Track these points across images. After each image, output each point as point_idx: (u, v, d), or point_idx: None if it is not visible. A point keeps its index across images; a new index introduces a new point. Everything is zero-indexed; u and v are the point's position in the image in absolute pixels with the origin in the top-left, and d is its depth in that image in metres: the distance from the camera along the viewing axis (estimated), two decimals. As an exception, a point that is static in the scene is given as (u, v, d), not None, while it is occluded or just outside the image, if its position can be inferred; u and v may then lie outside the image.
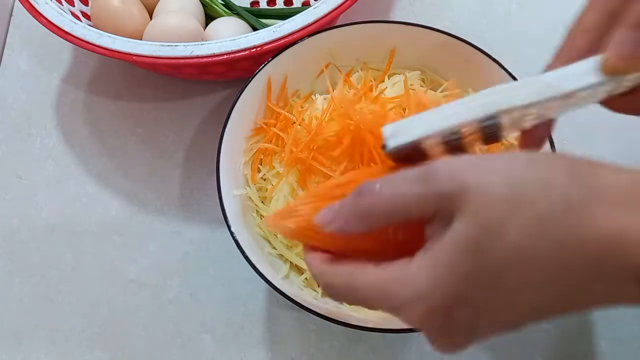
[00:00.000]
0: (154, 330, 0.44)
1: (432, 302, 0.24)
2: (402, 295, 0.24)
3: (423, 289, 0.24)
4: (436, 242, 0.24)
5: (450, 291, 0.23)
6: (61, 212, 0.48)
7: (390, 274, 0.25)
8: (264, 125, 0.44)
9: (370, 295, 0.26)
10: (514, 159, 0.24)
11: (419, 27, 0.44)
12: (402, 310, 0.25)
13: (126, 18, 0.49)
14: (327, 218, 0.27)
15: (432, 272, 0.24)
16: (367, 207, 0.25)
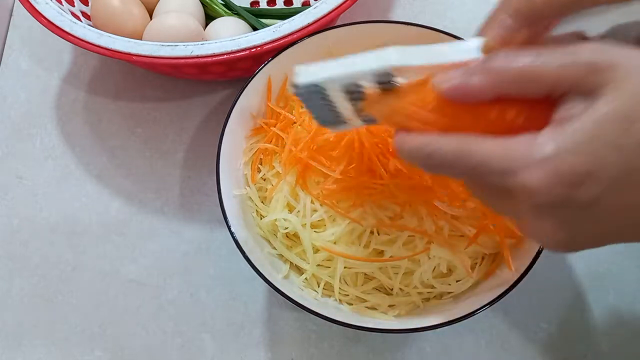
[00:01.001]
0: (154, 330, 0.44)
1: (561, 166, 0.22)
2: (528, 155, 0.22)
3: (554, 150, 0.22)
4: (575, 112, 0.22)
5: (588, 158, 0.22)
6: (61, 212, 0.48)
7: (514, 139, 0.23)
8: (264, 125, 0.44)
9: (488, 158, 0.23)
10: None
11: (419, 27, 0.44)
12: (521, 171, 0.23)
13: (126, 18, 0.49)
14: (449, 75, 0.25)
15: (567, 137, 0.22)
16: (501, 67, 0.24)
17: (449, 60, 0.27)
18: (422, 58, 0.27)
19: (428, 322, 0.35)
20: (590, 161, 0.22)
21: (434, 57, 0.27)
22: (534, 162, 0.22)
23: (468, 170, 0.24)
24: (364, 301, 0.40)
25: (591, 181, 0.22)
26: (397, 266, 0.38)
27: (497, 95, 0.24)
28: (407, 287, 0.39)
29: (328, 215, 0.39)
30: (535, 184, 0.22)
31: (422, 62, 0.27)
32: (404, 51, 0.28)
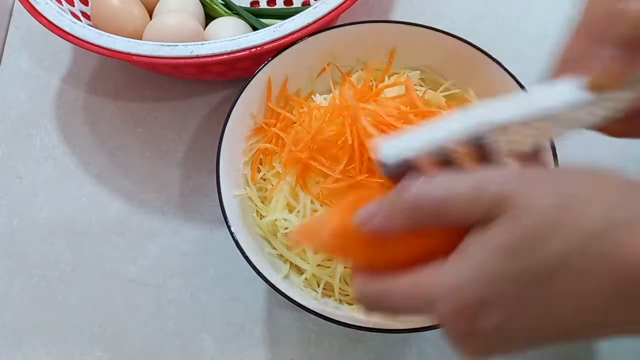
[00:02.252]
0: (154, 330, 0.44)
1: (461, 299, 0.23)
2: (432, 292, 0.24)
3: (454, 285, 0.24)
4: (474, 242, 0.24)
5: (482, 290, 0.23)
6: (61, 212, 0.48)
7: (422, 274, 0.25)
8: (264, 125, 0.44)
9: (403, 299, 0.25)
10: (565, 171, 0.25)
11: (419, 27, 0.44)
12: (432, 307, 0.24)
13: (126, 18, 0.49)
14: (369, 214, 0.26)
15: (465, 270, 0.23)
16: (416, 202, 0.25)
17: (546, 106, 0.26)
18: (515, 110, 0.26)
19: (428, 322, 0.35)
20: (482, 293, 0.23)
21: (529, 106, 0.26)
22: (439, 297, 0.24)
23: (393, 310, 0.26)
24: (364, 301, 0.40)
25: (488, 311, 0.23)
26: (397, 266, 0.38)
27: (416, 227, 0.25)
28: (407, 287, 0.39)
29: (328, 215, 0.39)
30: (441, 320, 0.24)
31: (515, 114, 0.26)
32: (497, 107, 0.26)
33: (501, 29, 0.55)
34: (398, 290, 0.26)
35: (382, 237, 0.26)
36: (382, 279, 0.26)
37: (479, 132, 0.26)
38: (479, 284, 0.23)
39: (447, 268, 0.24)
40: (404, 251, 0.26)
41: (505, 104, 0.27)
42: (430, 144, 0.27)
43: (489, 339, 0.24)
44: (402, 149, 0.27)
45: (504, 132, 0.26)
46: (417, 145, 0.27)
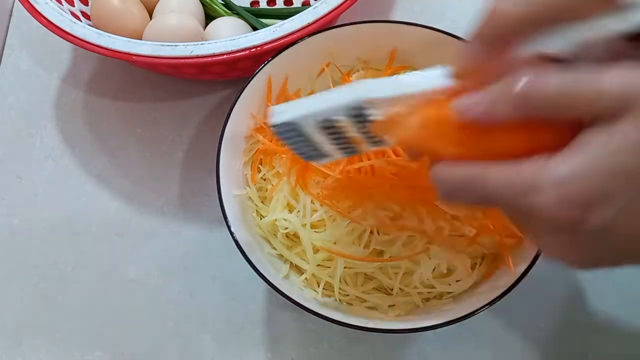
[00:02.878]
0: (154, 331, 0.44)
1: (573, 190, 0.22)
2: (539, 178, 0.22)
3: (567, 173, 0.22)
4: (595, 136, 0.22)
5: (600, 183, 0.22)
6: (61, 212, 0.48)
7: (527, 163, 0.23)
8: (264, 125, 0.44)
9: (498, 184, 0.23)
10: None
11: (419, 27, 0.44)
12: (535, 193, 0.22)
13: (126, 18, 0.49)
14: (472, 102, 0.24)
15: (582, 161, 0.22)
16: (528, 92, 0.23)
17: (419, 89, 0.27)
18: (393, 89, 0.28)
19: (428, 322, 0.35)
20: (602, 186, 0.22)
21: (404, 88, 0.28)
22: (547, 184, 0.22)
23: (483, 197, 0.24)
24: (364, 301, 0.40)
25: (603, 206, 0.22)
26: (397, 266, 0.38)
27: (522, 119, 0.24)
28: (407, 287, 0.39)
29: (328, 215, 0.39)
30: (546, 207, 0.22)
31: (392, 93, 0.28)
32: (374, 84, 0.29)
33: (501, 29, 0.55)
34: (493, 175, 0.23)
35: (481, 130, 0.24)
36: (472, 165, 0.24)
37: (355, 104, 0.28)
38: (599, 174, 0.22)
39: (559, 159, 0.22)
40: (503, 147, 0.24)
41: (386, 81, 0.29)
42: (315, 110, 0.30)
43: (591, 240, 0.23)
44: (290, 114, 0.30)
45: (379, 105, 0.28)
46: (304, 110, 0.30)
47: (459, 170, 0.25)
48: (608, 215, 0.22)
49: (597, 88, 0.22)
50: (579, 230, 0.23)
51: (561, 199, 0.22)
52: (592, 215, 0.22)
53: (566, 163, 0.22)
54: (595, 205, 0.22)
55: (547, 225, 0.23)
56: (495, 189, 0.24)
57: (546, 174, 0.22)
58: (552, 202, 0.22)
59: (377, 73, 0.47)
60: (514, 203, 0.23)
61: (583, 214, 0.22)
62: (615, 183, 0.22)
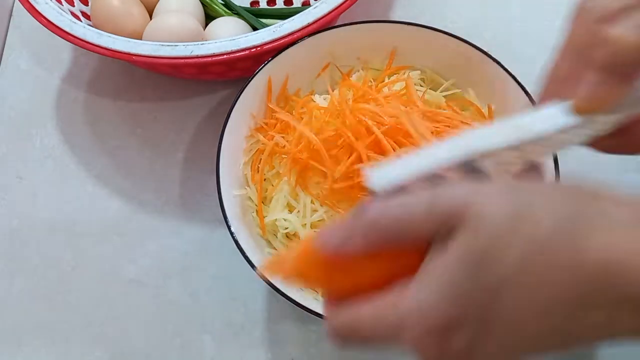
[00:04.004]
0: (154, 330, 0.44)
1: (428, 322, 0.23)
2: (399, 317, 0.24)
3: (418, 307, 0.23)
4: (435, 260, 0.23)
5: (446, 311, 0.23)
6: (61, 212, 0.48)
7: (388, 299, 0.25)
8: (264, 125, 0.44)
9: (371, 327, 0.25)
10: (518, 184, 0.24)
11: (419, 27, 0.44)
12: (401, 334, 0.24)
13: (126, 18, 0.49)
14: (327, 236, 0.25)
15: (428, 291, 0.23)
16: (372, 222, 0.24)
17: (533, 133, 0.26)
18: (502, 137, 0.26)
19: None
20: (448, 312, 0.23)
21: (514, 132, 0.26)
22: (405, 324, 0.23)
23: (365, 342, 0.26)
24: (364, 301, 0.40)
25: (457, 330, 0.23)
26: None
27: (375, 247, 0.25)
28: (407, 287, 0.39)
29: (328, 216, 0.39)
30: (412, 346, 0.24)
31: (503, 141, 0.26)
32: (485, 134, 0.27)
33: (501, 29, 0.55)
34: (365, 318, 0.25)
35: (345, 261, 0.25)
36: (349, 308, 0.26)
37: (468, 159, 0.26)
38: (443, 303, 0.23)
39: (411, 290, 0.24)
40: (369, 275, 0.26)
41: (494, 130, 0.27)
42: (419, 171, 0.27)
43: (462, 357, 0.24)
44: (391, 177, 0.27)
45: (492, 156, 0.27)
46: (406, 172, 0.27)
47: (339, 318, 0.26)
48: (466, 337, 0.23)
49: (429, 207, 0.23)
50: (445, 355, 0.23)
51: (421, 332, 0.23)
52: (452, 342, 0.23)
53: (416, 293, 0.23)
54: (452, 330, 0.23)
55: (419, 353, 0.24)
56: (370, 333, 0.25)
57: (403, 311, 0.23)
58: (415, 336, 0.23)
59: (377, 73, 0.47)
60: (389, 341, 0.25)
61: (443, 342, 0.23)
62: (457, 305, 0.22)
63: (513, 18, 0.56)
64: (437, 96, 0.45)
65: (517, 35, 0.54)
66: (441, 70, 0.46)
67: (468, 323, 0.23)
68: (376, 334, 0.25)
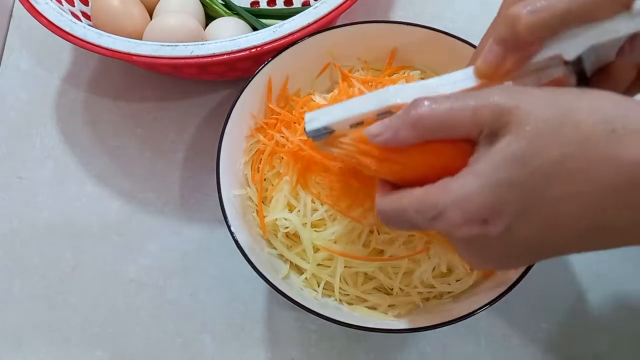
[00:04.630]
0: (154, 330, 0.44)
1: (468, 209, 0.25)
2: (441, 202, 0.26)
3: (462, 194, 0.25)
4: (481, 156, 0.25)
5: (487, 199, 0.25)
6: (61, 212, 0.48)
7: (433, 187, 0.26)
8: (264, 125, 0.44)
9: (415, 211, 0.27)
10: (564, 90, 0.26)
11: (419, 27, 0.44)
12: (441, 217, 0.26)
13: (126, 18, 0.49)
14: (377, 129, 0.28)
15: (472, 181, 0.25)
16: (421, 115, 0.27)
17: (446, 91, 0.30)
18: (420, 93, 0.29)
19: (428, 322, 0.35)
20: (492, 200, 0.25)
21: (430, 91, 0.30)
22: (449, 207, 0.26)
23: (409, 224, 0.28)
24: (364, 301, 0.40)
25: (496, 217, 0.25)
26: (397, 266, 0.38)
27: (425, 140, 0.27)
28: (407, 287, 0.39)
29: (328, 215, 0.39)
30: (452, 227, 0.26)
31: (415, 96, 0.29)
32: (402, 89, 0.30)
33: (501, 29, 0.55)
34: (411, 203, 0.27)
35: (395, 150, 0.28)
36: (397, 193, 0.28)
37: (385, 108, 0.30)
38: (487, 191, 0.25)
39: (455, 180, 0.26)
40: (419, 165, 0.28)
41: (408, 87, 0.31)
42: (347, 115, 0.31)
43: (499, 246, 0.26)
44: (324, 119, 0.32)
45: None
46: (336, 115, 0.32)
47: (387, 202, 0.29)
48: (502, 226, 0.25)
49: (473, 112, 0.26)
50: (483, 241, 0.26)
51: (461, 218, 0.25)
52: (490, 227, 0.25)
53: (461, 185, 0.25)
54: (491, 218, 0.25)
55: (458, 239, 0.27)
56: (412, 218, 0.27)
57: (447, 198, 0.26)
58: (456, 222, 0.26)
59: (377, 73, 0.47)
60: (430, 226, 0.27)
61: (482, 227, 0.25)
62: (502, 196, 0.25)
63: (513, 18, 0.56)
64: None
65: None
66: (441, 70, 0.46)
67: (508, 211, 0.25)
68: (420, 217, 0.27)
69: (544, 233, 0.25)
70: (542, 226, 0.25)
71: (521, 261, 0.29)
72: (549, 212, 0.25)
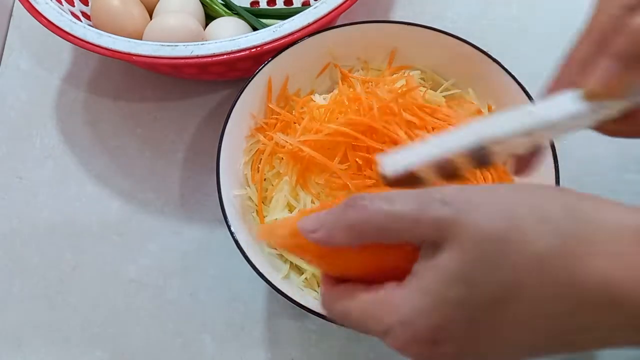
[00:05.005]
0: (154, 330, 0.44)
1: (417, 330, 0.23)
2: (387, 321, 0.24)
3: (408, 316, 0.23)
4: (425, 268, 0.23)
5: (436, 321, 0.23)
6: (61, 212, 0.48)
7: (378, 298, 0.25)
8: (264, 125, 0.44)
9: (361, 320, 0.26)
10: (511, 190, 0.24)
11: (419, 27, 0.44)
12: (388, 335, 0.24)
13: (126, 18, 0.49)
14: (311, 225, 0.25)
15: (418, 300, 0.23)
16: (356, 220, 0.24)
17: (546, 119, 0.27)
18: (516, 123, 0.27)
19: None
20: (440, 321, 0.23)
21: (527, 119, 0.27)
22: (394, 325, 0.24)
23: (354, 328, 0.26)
24: (364, 301, 0.40)
25: (445, 339, 0.23)
26: (397, 266, 0.38)
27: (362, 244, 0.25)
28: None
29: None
30: (400, 349, 0.24)
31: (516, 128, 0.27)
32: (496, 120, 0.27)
33: (501, 29, 0.55)
34: (356, 311, 0.26)
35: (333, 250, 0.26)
36: (343, 294, 0.26)
37: (480, 146, 0.27)
38: (434, 311, 0.23)
39: (401, 295, 0.24)
40: (358, 262, 0.26)
41: (506, 117, 0.27)
42: (431, 157, 0.27)
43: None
44: (402, 162, 0.28)
45: (503, 143, 0.27)
46: (418, 158, 0.28)
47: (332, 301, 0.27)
48: (453, 347, 0.23)
49: (412, 223, 0.23)
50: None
51: (410, 337, 0.23)
52: (440, 348, 0.23)
53: (408, 301, 0.23)
54: (441, 339, 0.23)
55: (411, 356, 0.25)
56: (360, 326, 0.26)
57: (393, 317, 0.24)
58: (406, 341, 0.24)
59: (377, 73, 0.47)
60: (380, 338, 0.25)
61: (433, 348, 0.23)
62: (450, 316, 0.23)
63: (513, 18, 0.56)
64: (437, 96, 0.45)
65: (517, 35, 0.54)
66: (441, 70, 0.46)
67: (455, 336, 0.23)
68: (366, 328, 0.26)
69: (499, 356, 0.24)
70: (495, 349, 0.23)
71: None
72: (502, 337, 0.23)
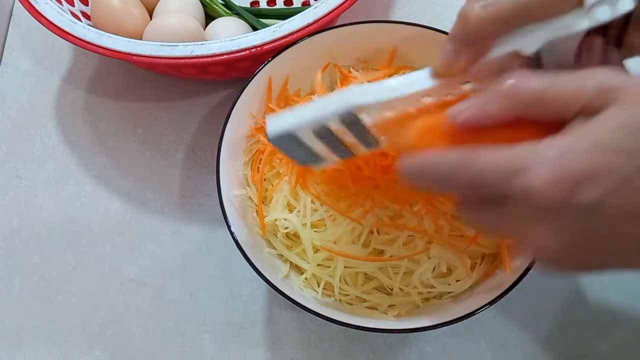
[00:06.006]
0: (154, 330, 0.44)
1: (566, 165, 0.22)
2: (531, 157, 0.23)
3: (561, 150, 0.22)
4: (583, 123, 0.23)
5: (594, 158, 0.22)
6: (61, 212, 0.48)
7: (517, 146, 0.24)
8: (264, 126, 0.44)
9: (489, 163, 0.24)
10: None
11: (419, 27, 0.44)
12: (525, 172, 0.23)
13: (126, 18, 0.49)
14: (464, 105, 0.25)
15: (574, 141, 0.23)
16: (518, 86, 0.24)
17: (405, 93, 0.29)
18: (380, 95, 0.29)
19: (428, 322, 0.35)
20: (594, 162, 0.22)
21: (390, 92, 0.29)
22: (539, 162, 0.23)
23: (468, 179, 0.24)
24: (364, 301, 0.40)
25: (594, 181, 0.22)
26: (397, 266, 0.38)
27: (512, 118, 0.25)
28: (407, 287, 0.39)
29: (328, 215, 0.39)
30: (537, 184, 0.22)
31: (380, 98, 0.29)
32: (362, 90, 0.30)
33: (501, 29, 0.55)
34: (483, 158, 0.24)
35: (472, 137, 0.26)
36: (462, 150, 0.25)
37: (345, 111, 0.29)
38: (594, 151, 0.22)
39: (550, 142, 0.23)
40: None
41: (372, 87, 0.30)
42: (308, 119, 0.30)
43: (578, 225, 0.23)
44: (285, 124, 0.30)
45: (366, 110, 0.29)
46: (297, 120, 0.30)
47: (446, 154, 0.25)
48: (597, 193, 0.22)
49: (577, 85, 0.24)
50: (567, 211, 0.22)
51: (554, 174, 0.22)
52: (582, 192, 0.22)
53: (558, 143, 0.23)
54: (587, 181, 0.22)
55: (532, 210, 0.23)
56: (484, 171, 0.24)
57: (538, 154, 0.23)
58: (544, 179, 0.22)
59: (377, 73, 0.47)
60: (502, 185, 0.23)
61: (574, 190, 0.22)
62: (605, 158, 0.22)
63: (513, 18, 0.56)
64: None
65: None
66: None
67: (605, 181, 0.22)
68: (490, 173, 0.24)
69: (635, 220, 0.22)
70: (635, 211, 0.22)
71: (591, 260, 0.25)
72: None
